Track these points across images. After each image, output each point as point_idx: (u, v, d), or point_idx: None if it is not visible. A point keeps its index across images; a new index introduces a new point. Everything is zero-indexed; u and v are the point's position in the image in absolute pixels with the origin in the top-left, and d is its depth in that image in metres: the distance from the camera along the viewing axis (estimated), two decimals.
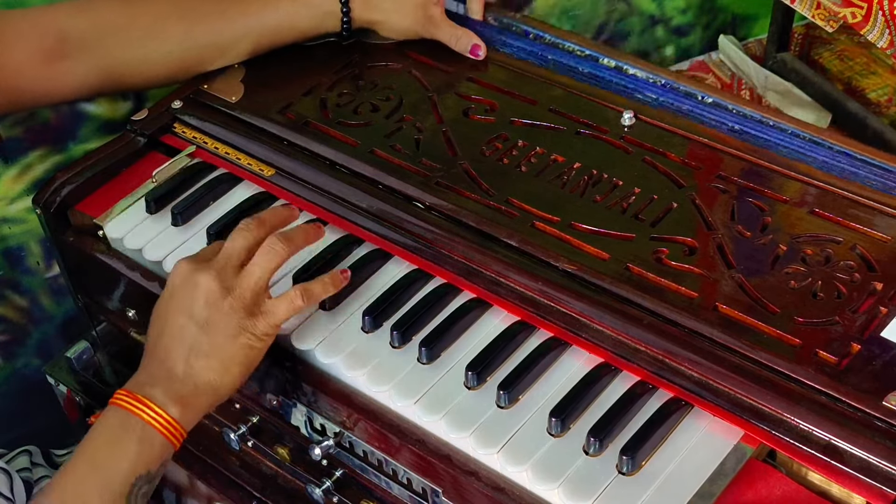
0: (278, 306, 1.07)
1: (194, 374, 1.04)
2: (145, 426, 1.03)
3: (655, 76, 1.33)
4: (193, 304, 1.05)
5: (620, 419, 1.01)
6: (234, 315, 1.05)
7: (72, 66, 1.31)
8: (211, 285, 1.05)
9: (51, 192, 1.31)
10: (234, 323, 1.05)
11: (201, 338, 1.04)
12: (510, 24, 1.44)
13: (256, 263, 1.07)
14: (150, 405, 1.03)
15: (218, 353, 1.05)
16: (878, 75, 2.03)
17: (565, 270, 1.12)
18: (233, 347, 1.05)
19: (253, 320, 1.06)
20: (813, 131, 1.24)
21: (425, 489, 1.08)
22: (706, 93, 1.30)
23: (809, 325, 1.04)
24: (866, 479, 0.94)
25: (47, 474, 1.43)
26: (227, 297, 1.05)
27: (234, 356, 1.05)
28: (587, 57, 1.38)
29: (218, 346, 1.04)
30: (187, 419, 1.05)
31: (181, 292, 1.06)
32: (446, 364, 1.09)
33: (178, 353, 1.05)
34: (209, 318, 1.05)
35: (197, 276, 1.06)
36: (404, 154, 1.27)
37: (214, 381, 1.05)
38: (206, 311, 1.05)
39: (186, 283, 1.06)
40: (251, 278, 1.06)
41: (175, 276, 1.08)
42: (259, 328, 1.06)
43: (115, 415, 1.04)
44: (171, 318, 1.06)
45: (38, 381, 1.56)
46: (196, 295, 1.05)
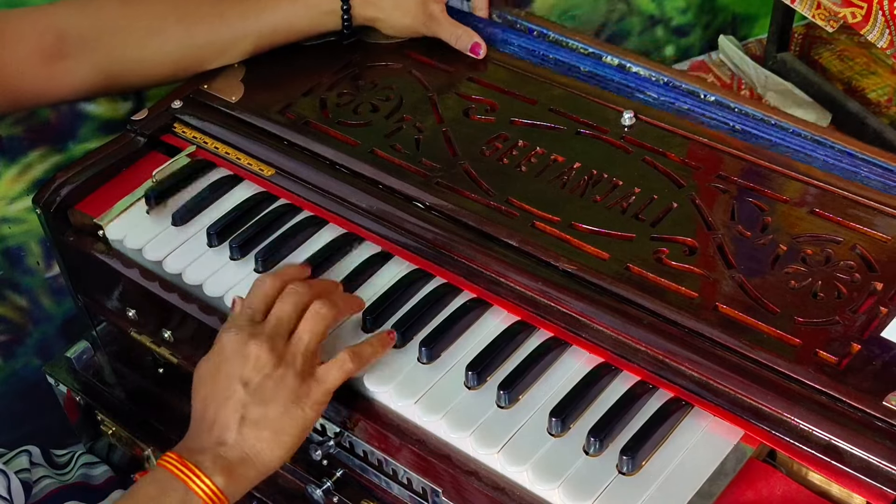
0: (329, 372, 1.05)
1: (245, 443, 1.02)
2: (188, 492, 1.00)
3: (658, 74, 1.34)
4: (245, 371, 1.03)
5: (620, 419, 1.01)
6: (286, 383, 1.03)
7: (71, 65, 1.31)
8: (262, 353, 1.03)
9: (51, 191, 1.31)
10: (286, 391, 1.02)
11: (253, 407, 1.02)
12: (514, 22, 1.44)
13: (305, 329, 1.05)
14: (197, 472, 1.00)
15: (270, 422, 1.02)
16: (878, 75, 2.03)
17: (565, 270, 1.12)
18: (285, 417, 1.02)
19: (305, 388, 1.03)
20: (814, 130, 1.24)
21: (425, 489, 1.08)
22: (708, 91, 1.30)
23: (809, 325, 1.04)
24: (866, 479, 0.94)
25: (47, 474, 1.43)
26: (280, 365, 1.03)
27: (286, 426, 1.02)
28: (590, 55, 1.38)
29: (270, 416, 1.02)
30: (232, 490, 1.02)
31: (233, 359, 1.04)
32: (446, 364, 1.09)
33: (230, 420, 1.02)
34: (262, 387, 1.02)
35: (249, 344, 1.03)
36: (404, 154, 1.27)
37: (265, 452, 1.02)
38: (258, 380, 1.02)
39: (239, 351, 1.03)
40: (301, 344, 1.04)
41: (225, 342, 1.05)
42: (312, 396, 1.04)
43: (161, 476, 1.01)
44: (222, 385, 1.04)
45: (38, 381, 1.56)
46: (248, 363, 1.03)
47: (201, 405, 1.05)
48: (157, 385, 1.40)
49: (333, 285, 1.13)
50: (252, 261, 1.20)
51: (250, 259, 1.21)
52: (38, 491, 1.40)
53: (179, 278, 1.22)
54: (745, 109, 1.28)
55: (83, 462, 1.49)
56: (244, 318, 1.07)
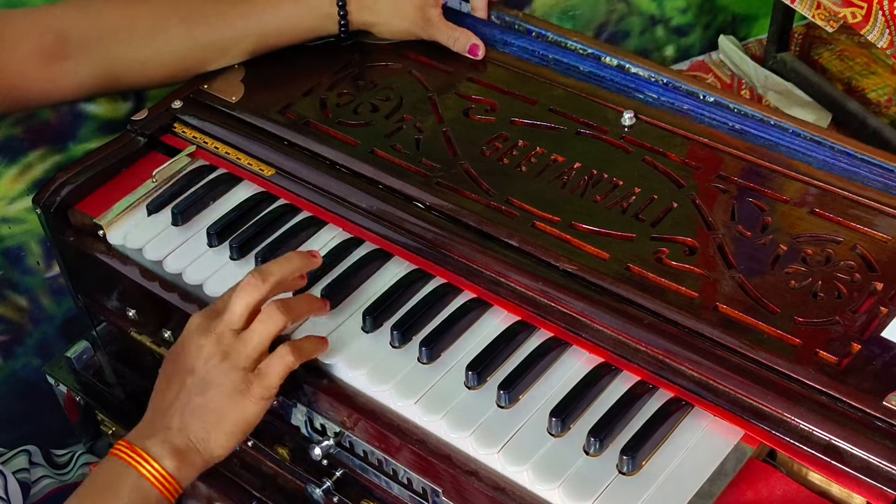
0: (271, 367, 1.07)
1: (188, 429, 1.06)
2: (139, 477, 1.04)
3: (657, 75, 1.34)
4: (195, 363, 1.07)
5: (621, 419, 1.01)
6: (229, 377, 1.06)
7: (72, 66, 1.31)
8: (211, 348, 1.07)
9: (51, 191, 1.31)
10: (228, 384, 1.06)
11: (197, 396, 1.06)
12: (513, 23, 1.44)
13: (255, 330, 1.08)
14: (146, 457, 1.04)
15: (212, 412, 1.06)
16: (878, 75, 2.03)
17: (565, 270, 1.12)
18: (227, 408, 1.06)
19: (246, 383, 1.07)
20: (813, 130, 1.24)
21: (425, 489, 1.08)
22: (707, 92, 1.31)
23: (810, 325, 1.04)
24: (866, 479, 0.94)
25: (47, 474, 1.43)
26: (226, 359, 1.07)
27: (227, 416, 1.06)
28: (589, 55, 1.38)
29: (212, 406, 1.06)
30: (182, 474, 1.06)
31: (186, 350, 1.08)
32: (446, 364, 1.09)
33: (176, 407, 1.07)
34: (206, 378, 1.07)
35: (200, 338, 1.08)
36: (404, 154, 1.27)
37: (208, 440, 1.06)
38: (203, 371, 1.07)
39: (191, 343, 1.08)
40: (249, 345, 1.07)
41: (185, 332, 1.10)
42: (253, 390, 1.07)
43: (111, 464, 1.06)
44: (174, 375, 1.09)
45: (38, 381, 1.57)
46: (198, 355, 1.07)
47: (157, 391, 1.10)
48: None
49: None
50: (252, 261, 1.20)
51: (250, 259, 1.21)
52: (38, 490, 1.40)
53: (179, 278, 1.22)
54: (744, 110, 1.28)
55: (83, 462, 1.49)
56: (213, 308, 1.10)
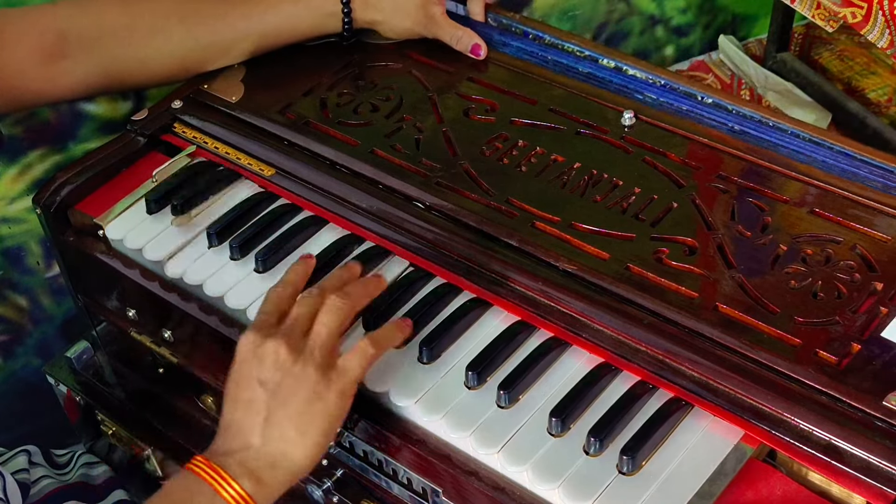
0: (351, 361, 1.02)
1: (271, 445, 0.99)
2: (215, 495, 0.98)
3: (655, 76, 1.33)
4: (263, 371, 1.00)
5: (621, 419, 1.01)
6: (306, 378, 1.00)
7: (72, 65, 1.31)
8: (279, 350, 1.00)
9: (51, 191, 1.31)
10: (307, 386, 1.00)
11: (275, 406, 0.99)
12: (510, 25, 1.44)
13: (321, 322, 1.03)
14: (224, 475, 0.98)
15: (294, 420, 0.99)
16: (878, 75, 2.04)
17: (565, 270, 1.12)
18: (309, 413, 1.00)
19: (327, 380, 1.00)
20: (813, 131, 1.24)
21: (425, 489, 1.08)
22: (706, 93, 1.30)
23: (809, 325, 1.04)
24: (866, 479, 0.94)
25: (47, 474, 1.43)
26: (298, 360, 1.00)
27: (311, 422, 1.00)
28: (587, 57, 1.38)
29: (293, 414, 0.99)
30: (261, 495, 0.99)
31: (250, 361, 1.01)
32: (446, 364, 1.09)
33: (254, 424, 1.00)
34: (281, 384, 1.00)
35: (265, 344, 1.01)
36: (404, 154, 1.27)
37: (292, 452, 1.00)
38: (277, 377, 1.00)
39: (255, 352, 1.01)
40: (318, 338, 1.02)
41: (242, 346, 1.03)
42: (334, 387, 1.01)
43: (187, 479, 1.00)
44: (242, 389, 1.01)
45: (38, 381, 1.56)
46: (265, 362, 1.00)
47: (228, 410, 1.03)
48: (157, 385, 1.40)
49: (348, 274, 1.11)
50: (252, 261, 1.20)
51: (250, 259, 1.21)
52: (38, 491, 1.40)
53: (180, 278, 1.22)
54: (742, 111, 1.28)
55: (83, 462, 1.49)
56: (258, 322, 1.04)
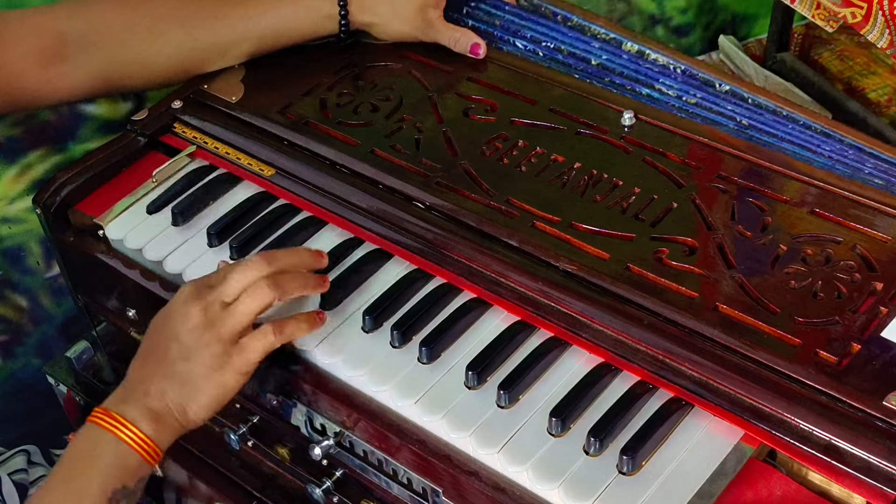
0: (251, 343, 1.08)
1: (165, 395, 1.06)
2: (118, 442, 1.04)
3: (676, 62, 1.34)
4: (180, 330, 1.07)
5: (621, 419, 1.01)
6: (210, 348, 1.07)
7: (71, 67, 1.31)
8: (197, 316, 1.07)
9: (51, 192, 1.31)
10: (208, 354, 1.06)
11: (178, 363, 1.07)
12: (539, 6, 1.45)
13: (242, 303, 1.08)
14: (123, 421, 1.05)
15: (189, 380, 1.06)
16: (878, 75, 2.03)
17: (565, 270, 1.12)
18: (205, 378, 1.07)
19: (227, 356, 1.07)
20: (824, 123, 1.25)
21: (425, 489, 1.08)
22: (723, 80, 1.31)
23: (810, 325, 1.04)
24: (866, 479, 0.94)
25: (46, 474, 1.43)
26: (209, 329, 1.07)
27: (204, 387, 1.07)
28: (611, 40, 1.39)
29: (191, 375, 1.06)
30: (161, 437, 1.06)
31: (174, 316, 1.09)
32: (446, 364, 1.09)
33: (157, 374, 1.07)
34: (188, 346, 1.07)
35: (189, 305, 1.08)
36: (404, 154, 1.27)
37: (183, 405, 1.06)
38: (187, 340, 1.07)
39: (180, 309, 1.08)
40: (233, 318, 1.08)
41: (176, 297, 1.10)
42: (232, 364, 1.07)
43: (90, 432, 1.06)
44: (160, 340, 1.09)
45: (38, 381, 1.56)
46: (184, 322, 1.07)
47: (142, 352, 1.10)
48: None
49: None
50: None
51: None
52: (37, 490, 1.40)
53: (179, 278, 1.22)
54: (757, 100, 1.28)
55: None
56: (206, 279, 1.11)
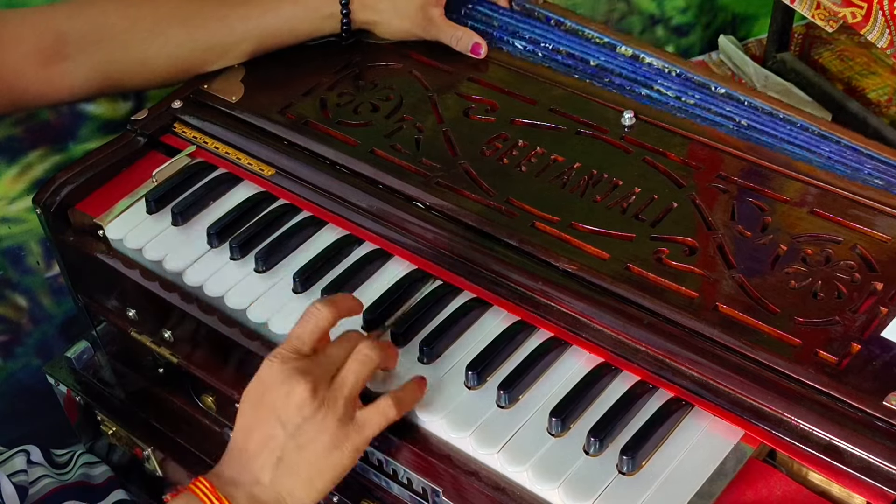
0: (371, 419, 1.02)
1: (279, 485, 1.01)
2: None
3: (671, 66, 1.34)
4: (287, 410, 1.00)
5: (621, 419, 1.01)
6: (326, 428, 1.01)
7: (71, 67, 1.31)
8: (306, 394, 1.00)
9: (51, 191, 1.31)
10: (326, 436, 1.01)
11: (291, 450, 1.01)
12: (532, 10, 1.45)
13: (351, 370, 1.02)
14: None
15: (307, 466, 1.01)
16: (878, 75, 2.04)
17: (565, 270, 1.12)
18: (322, 462, 1.01)
19: (344, 433, 1.01)
20: (821, 125, 1.24)
21: (425, 489, 1.08)
22: (719, 83, 1.31)
23: (810, 325, 1.04)
24: (867, 479, 0.94)
25: (46, 473, 1.43)
26: (321, 408, 1.01)
27: (322, 471, 1.01)
28: (605, 44, 1.39)
29: (307, 461, 1.01)
30: None
31: (275, 393, 1.01)
32: (446, 364, 1.09)
33: (267, 460, 1.01)
34: (301, 429, 1.00)
35: (293, 382, 1.00)
36: (404, 154, 1.27)
37: (297, 496, 1.01)
38: (298, 420, 1.00)
39: (282, 386, 1.01)
40: (344, 389, 1.02)
41: (271, 371, 1.02)
42: (350, 442, 1.02)
43: (190, 501, 1.00)
44: (263, 420, 1.02)
45: (38, 381, 1.56)
46: (290, 401, 1.00)
47: (241, 435, 1.03)
48: (157, 385, 1.40)
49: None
50: (252, 261, 1.20)
51: (250, 259, 1.21)
52: (38, 490, 1.40)
53: (179, 278, 1.22)
54: (754, 102, 1.28)
55: (83, 462, 1.49)
56: (291, 348, 1.03)
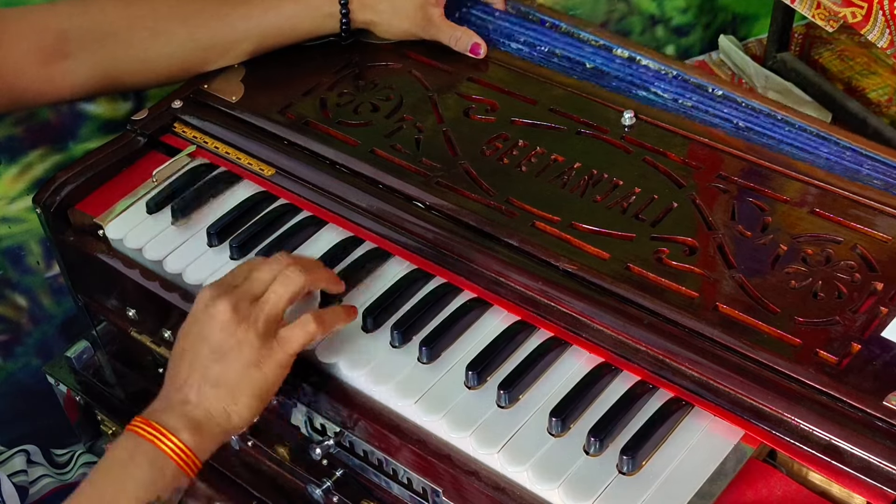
0: (292, 333, 1.05)
1: (207, 401, 1.03)
2: (156, 451, 1.01)
3: (667, 68, 1.34)
4: (210, 331, 1.04)
5: (621, 419, 1.01)
6: (246, 343, 1.03)
7: (71, 66, 1.31)
8: (227, 312, 1.03)
9: (51, 191, 1.31)
10: (246, 352, 1.03)
11: (214, 365, 1.03)
12: (527, 13, 1.45)
13: (273, 291, 1.05)
14: (162, 430, 1.01)
15: (229, 381, 1.03)
16: (878, 75, 2.04)
17: (565, 270, 1.12)
18: (244, 377, 1.03)
19: (266, 349, 1.04)
20: (819, 126, 1.25)
21: (425, 489, 1.08)
22: (716, 85, 1.31)
23: (810, 325, 1.04)
24: (867, 479, 0.94)
25: (46, 473, 1.43)
26: (242, 324, 1.03)
27: (245, 386, 1.03)
28: (601, 46, 1.39)
29: (229, 375, 1.03)
30: (201, 447, 1.03)
31: (200, 319, 1.05)
32: (446, 364, 1.09)
33: (193, 379, 1.04)
34: (222, 346, 1.03)
35: (215, 304, 1.04)
36: (404, 154, 1.27)
37: (226, 410, 1.03)
38: (220, 339, 1.03)
39: (205, 311, 1.05)
40: (266, 306, 1.05)
41: (198, 302, 1.06)
42: (273, 357, 1.04)
43: (127, 440, 1.02)
44: (189, 345, 1.05)
45: (38, 381, 1.56)
46: (213, 323, 1.04)
47: (172, 364, 1.07)
48: (157, 385, 1.39)
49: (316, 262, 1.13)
50: None
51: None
52: (38, 490, 1.40)
53: (179, 278, 1.22)
54: (752, 104, 1.28)
55: (83, 461, 1.49)
56: (222, 280, 1.08)
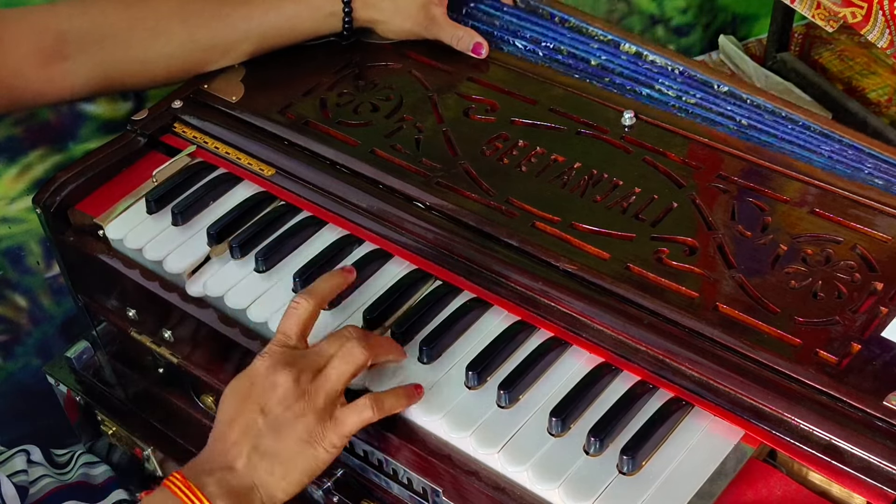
0: (348, 417, 1.03)
1: (253, 473, 1.01)
2: None
3: (673, 63, 1.34)
4: (268, 400, 1.02)
5: (621, 419, 1.01)
6: (303, 420, 1.02)
7: (71, 66, 1.31)
8: (289, 384, 1.02)
9: (51, 191, 1.31)
10: (303, 428, 1.01)
11: (268, 437, 1.01)
12: (537, 7, 1.45)
13: (334, 367, 1.03)
14: (198, 495, 0.99)
15: (281, 457, 1.01)
16: (878, 75, 2.04)
17: (565, 270, 1.12)
18: (297, 454, 1.02)
19: (322, 428, 1.02)
20: (823, 123, 1.24)
21: (426, 489, 1.08)
22: (722, 81, 1.31)
23: (810, 325, 1.04)
24: (867, 479, 0.94)
25: (46, 473, 1.43)
26: (302, 399, 1.02)
27: (296, 463, 1.02)
28: (609, 41, 1.39)
29: (283, 450, 1.01)
30: None
31: (260, 384, 1.03)
32: (446, 364, 1.09)
33: (243, 447, 1.02)
34: (279, 419, 1.01)
35: (278, 373, 1.02)
36: (404, 154, 1.27)
37: (271, 485, 1.01)
38: (278, 410, 1.02)
39: (266, 377, 1.02)
40: (327, 383, 1.03)
41: (257, 366, 1.04)
42: (327, 437, 1.02)
43: (162, 496, 1.00)
44: (244, 409, 1.03)
45: (38, 381, 1.56)
46: (273, 392, 1.02)
47: (222, 425, 1.04)
48: (157, 385, 1.40)
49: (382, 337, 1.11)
50: (252, 261, 1.20)
51: (250, 259, 1.21)
52: (38, 490, 1.40)
53: (179, 278, 1.22)
54: (757, 101, 1.28)
55: (83, 462, 1.49)
56: (278, 342, 1.05)
